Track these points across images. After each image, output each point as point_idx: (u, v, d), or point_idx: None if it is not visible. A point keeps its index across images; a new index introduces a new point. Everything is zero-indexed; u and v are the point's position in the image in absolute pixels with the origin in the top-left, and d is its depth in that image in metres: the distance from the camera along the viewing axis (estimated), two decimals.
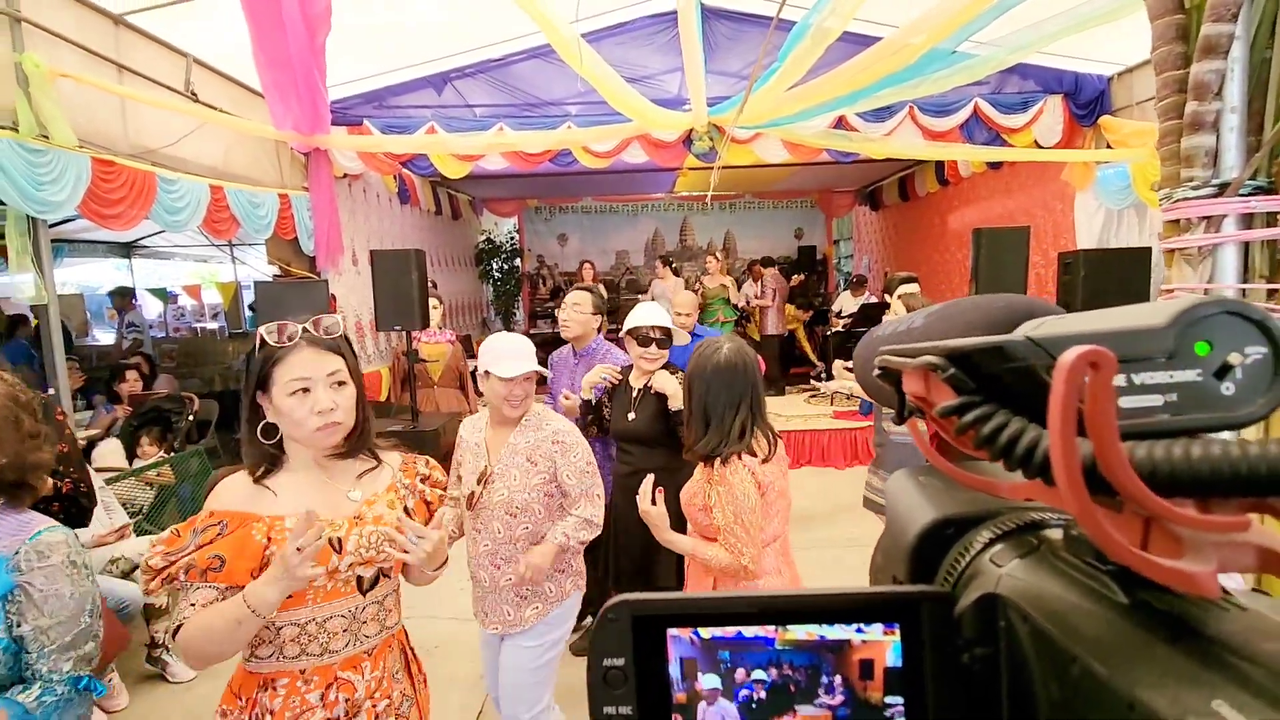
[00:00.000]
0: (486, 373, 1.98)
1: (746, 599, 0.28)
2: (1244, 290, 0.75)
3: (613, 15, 5.25)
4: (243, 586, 1.20)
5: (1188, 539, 0.19)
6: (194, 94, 4.31)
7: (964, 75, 3.83)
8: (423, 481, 1.49)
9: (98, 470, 3.76)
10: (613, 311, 8.98)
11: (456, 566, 2.00)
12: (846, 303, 8.34)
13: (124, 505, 3.64)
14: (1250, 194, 0.74)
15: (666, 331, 2.64)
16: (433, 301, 5.31)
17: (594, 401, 2.77)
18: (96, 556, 3.03)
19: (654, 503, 1.87)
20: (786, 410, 6.58)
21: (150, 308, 9.66)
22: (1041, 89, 5.38)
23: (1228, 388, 0.21)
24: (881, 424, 3.67)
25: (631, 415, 2.59)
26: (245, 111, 4.75)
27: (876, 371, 0.30)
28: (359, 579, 1.33)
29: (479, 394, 4.04)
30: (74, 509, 2.19)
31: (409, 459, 1.51)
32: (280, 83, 3.15)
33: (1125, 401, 0.21)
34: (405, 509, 1.40)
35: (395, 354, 6.43)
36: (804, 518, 4.72)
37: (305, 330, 1.28)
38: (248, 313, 8.77)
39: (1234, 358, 0.20)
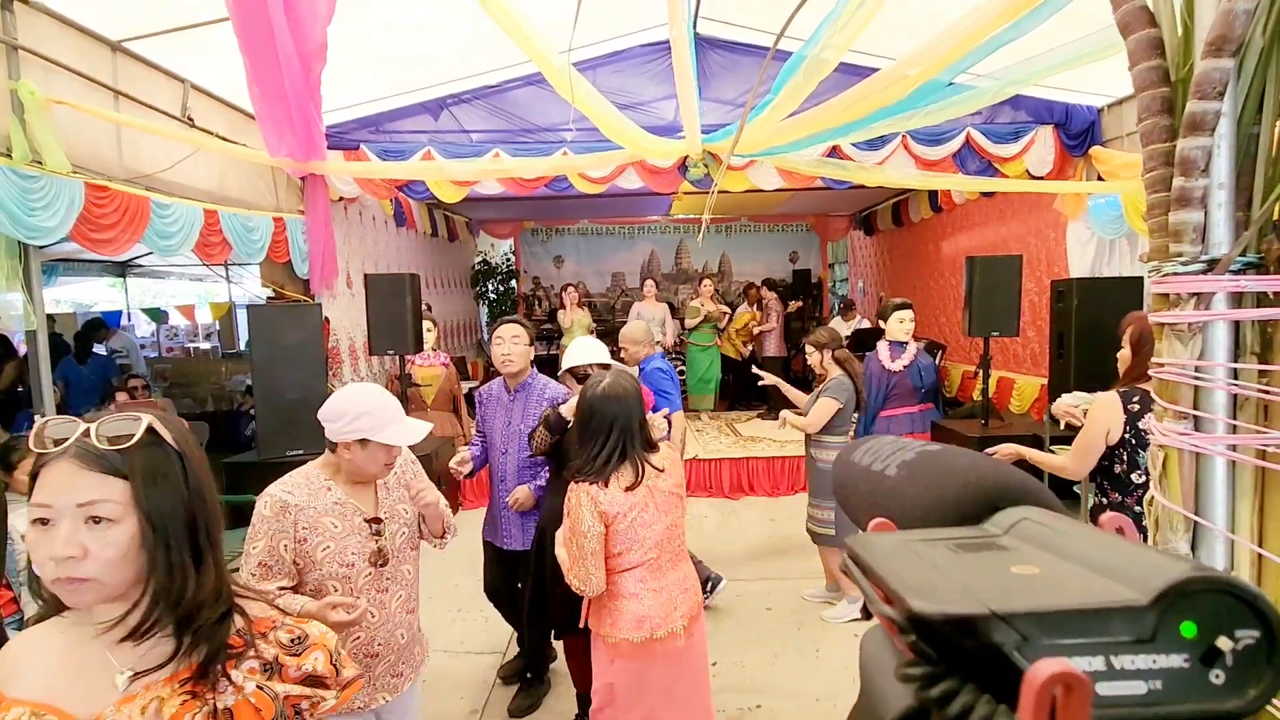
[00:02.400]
0: (364, 441, 1.70)
1: None
2: (1235, 370, 0.74)
3: (608, 44, 5.30)
4: None
5: None
6: (190, 119, 4.32)
7: (958, 108, 3.86)
8: (265, 671, 0.95)
9: None
10: (608, 334, 8.97)
11: (444, 595, 1.97)
12: (839, 328, 8.35)
13: None
14: (1240, 271, 0.74)
15: (605, 367, 2.63)
16: (427, 324, 5.31)
17: (547, 446, 2.72)
18: None
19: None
20: (780, 434, 6.55)
21: (142, 328, 9.61)
22: (1033, 119, 5.44)
23: (1217, 675, 0.19)
24: (809, 450, 3.73)
25: None
26: (242, 135, 4.77)
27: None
28: None
29: (472, 417, 4.01)
30: None
31: (250, 632, 0.96)
32: (275, 114, 3.16)
33: (1104, 688, 0.19)
34: (214, 713, 0.90)
35: (389, 377, 6.41)
36: (797, 546, 4.67)
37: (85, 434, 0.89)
38: (243, 332, 8.74)
39: (1223, 642, 0.19)
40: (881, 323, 5.72)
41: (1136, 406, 2.18)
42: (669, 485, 2.06)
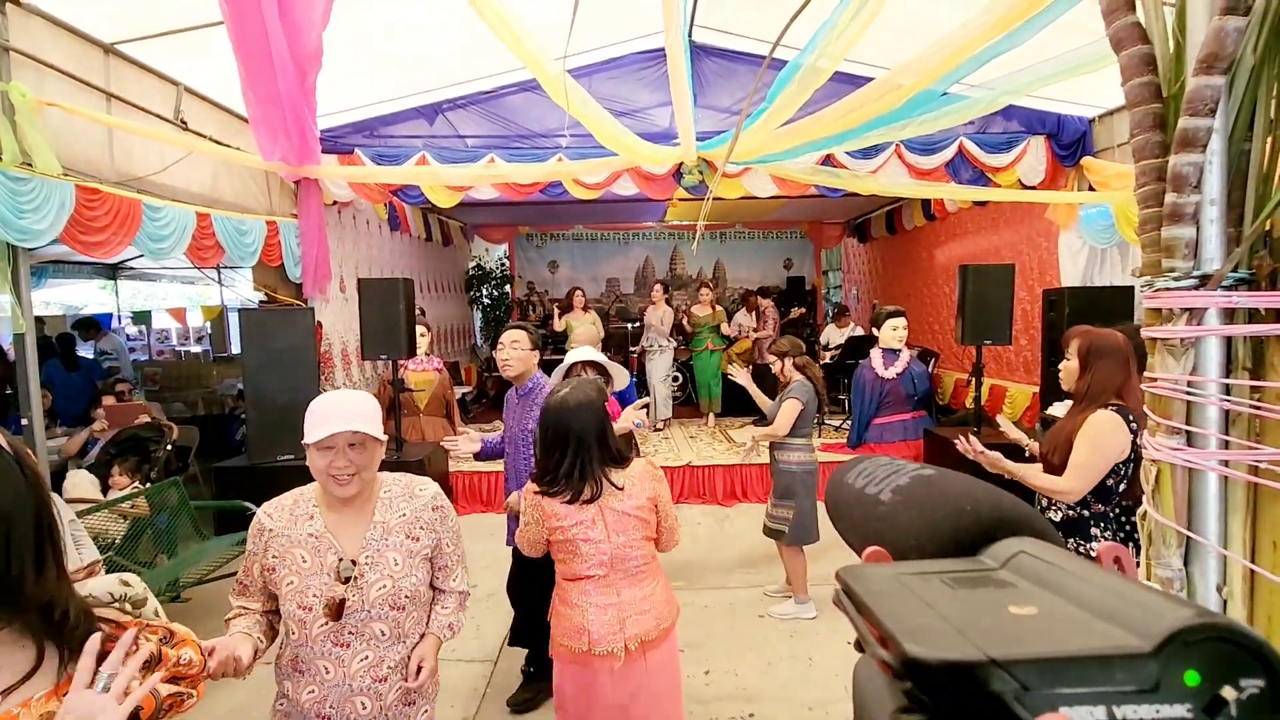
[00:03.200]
0: (308, 446, 1.59)
1: None
2: (1228, 386, 0.74)
3: (603, 51, 5.31)
4: None
5: None
6: (184, 122, 4.31)
7: (951, 118, 3.88)
8: (145, 667, 0.94)
9: (69, 501, 3.67)
10: (604, 339, 8.96)
11: None
12: (833, 335, 8.37)
13: (95, 539, 3.54)
14: (1232, 286, 0.74)
15: (600, 367, 2.59)
16: (420, 329, 5.28)
17: None
18: None
19: None
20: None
21: (131, 330, 9.55)
22: (1025, 129, 5.48)
23: None
24: (772, 452, 3.77)
25: None
26: (235, 139, 4.75)
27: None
28: None
29: (465, 422, 3.97)
30: None
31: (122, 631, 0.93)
32: (269, 118, 3.15)
33: None
34: None
35: (381, 382, 6.38)
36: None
37: None
38: (234, 336, 8.69)
39: (1228, 692, 0.18)
40: (875, 330, 5.72)
41: (1134, 424, 2.20)
42: (627, 506, 1.97)
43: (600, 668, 1.97)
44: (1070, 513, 2.30)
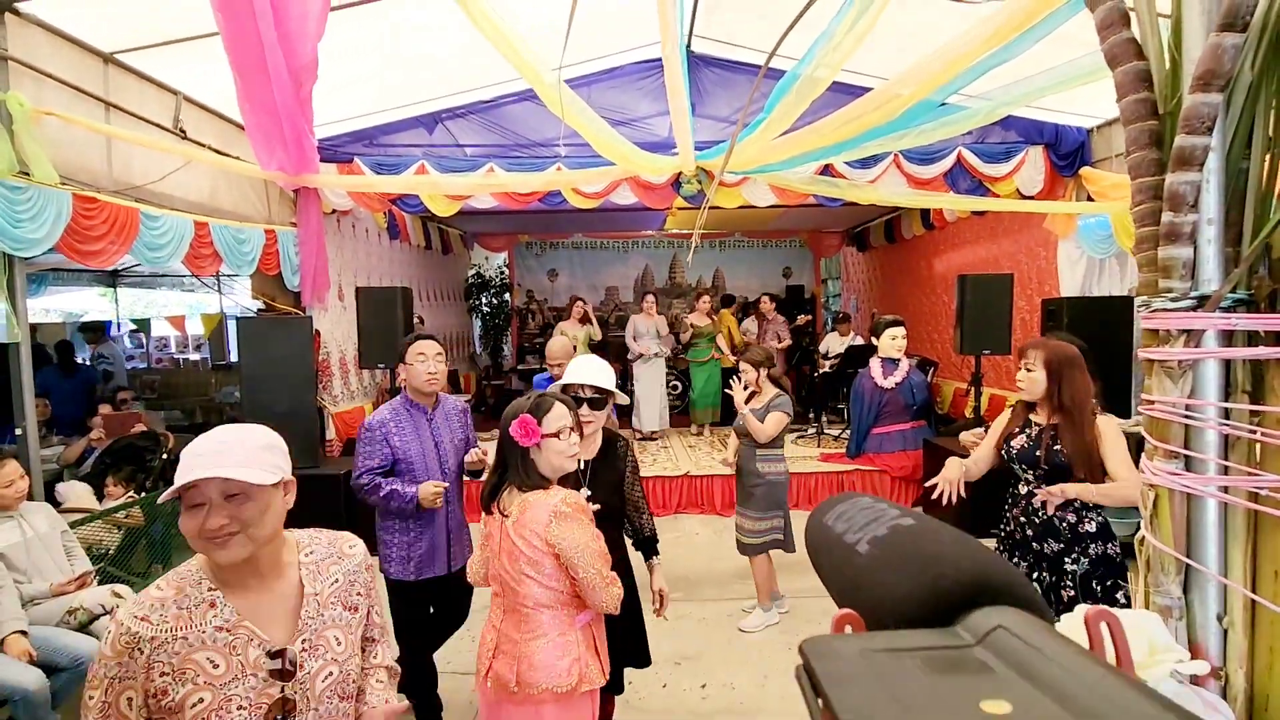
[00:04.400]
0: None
1: None
2: (1227, 410, 0.72)
3: (602, 61, 5.33)
4: None
5: None
6: (183, 131, 4.31)
7: (950, 129, 3.88)
8: None
9: (63, 511, 3.64)
10: (601, 346, 9.00)
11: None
12: (833, 343, 8.36)
13: (89, 549, 3.51)
14: (1230, 308, 0.72)
15: (601, 391, 2.33)
16: None
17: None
18: (52, 608, 2.91)
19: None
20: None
21: (129, 338, 9.56)
22: (1023, 139, 5.48)
23: None
24: (755, 465, 3.75)
25: (586, 493, 2.26)
26: (234, 147, 4.75)
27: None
28: None
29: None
30: None
31: None
32: (265, 129, 3.15)
33: None
34: None
35: (379, 390, 6.37)
36: (793, 563, 4.63)
37: None
38: (233, 344, 8.69)
39: None
40: (874, 339, 5.70)
41: None
42: (511, 531, 1.78)
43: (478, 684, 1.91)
44: (1100, 518, 2.31)
